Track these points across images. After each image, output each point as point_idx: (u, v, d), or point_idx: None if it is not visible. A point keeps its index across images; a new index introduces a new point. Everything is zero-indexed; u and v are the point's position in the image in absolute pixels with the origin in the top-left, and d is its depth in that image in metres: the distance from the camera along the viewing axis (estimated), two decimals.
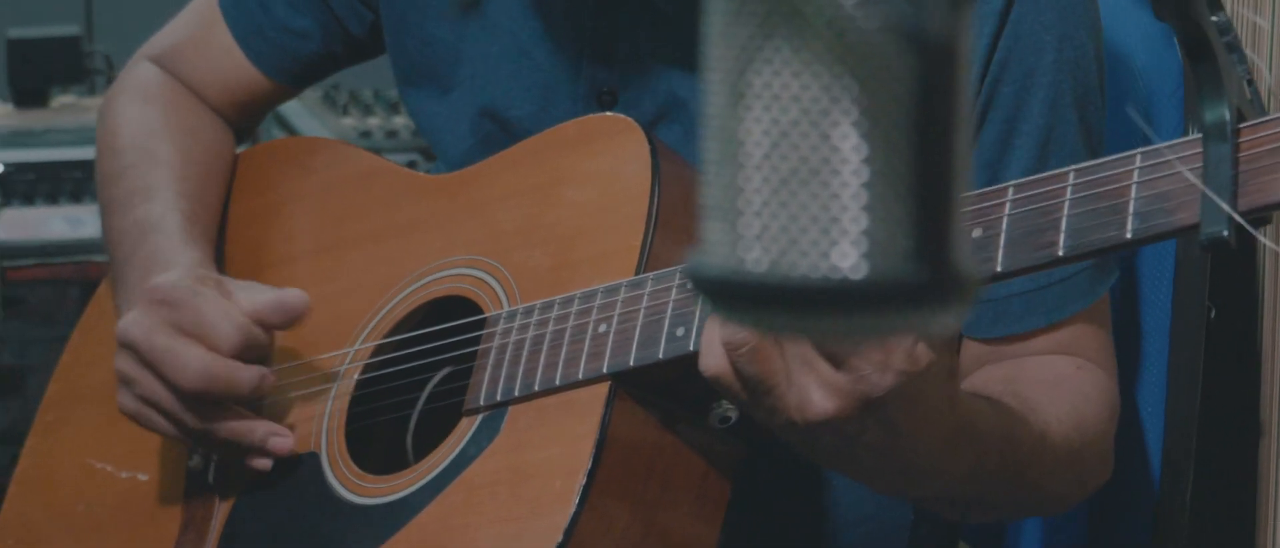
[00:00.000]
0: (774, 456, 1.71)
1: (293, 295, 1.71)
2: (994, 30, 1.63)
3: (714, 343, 1.41)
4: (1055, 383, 1.62)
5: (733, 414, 1.56)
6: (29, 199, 2.94)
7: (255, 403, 1.75)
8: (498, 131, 1.79)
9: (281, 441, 1.72)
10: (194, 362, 1.67)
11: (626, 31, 1.72)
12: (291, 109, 3.49)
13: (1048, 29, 1.64)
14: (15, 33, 3.31)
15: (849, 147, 0.71)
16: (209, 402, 1.69)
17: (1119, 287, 1.85)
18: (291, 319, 1.71)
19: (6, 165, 2.96)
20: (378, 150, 3.16)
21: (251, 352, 1.70)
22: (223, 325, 1.68)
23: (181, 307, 1.69)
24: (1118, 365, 1.71)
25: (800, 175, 0.72)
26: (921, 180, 0.71)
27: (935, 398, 1.41)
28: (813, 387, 1.38)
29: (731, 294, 0.72)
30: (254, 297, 1.72)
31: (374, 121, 3.40)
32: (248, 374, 1.69)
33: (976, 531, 1.95)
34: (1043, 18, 1.64)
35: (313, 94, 3.56)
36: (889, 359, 1.36)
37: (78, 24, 3.44)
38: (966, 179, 0.73)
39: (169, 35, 2.03)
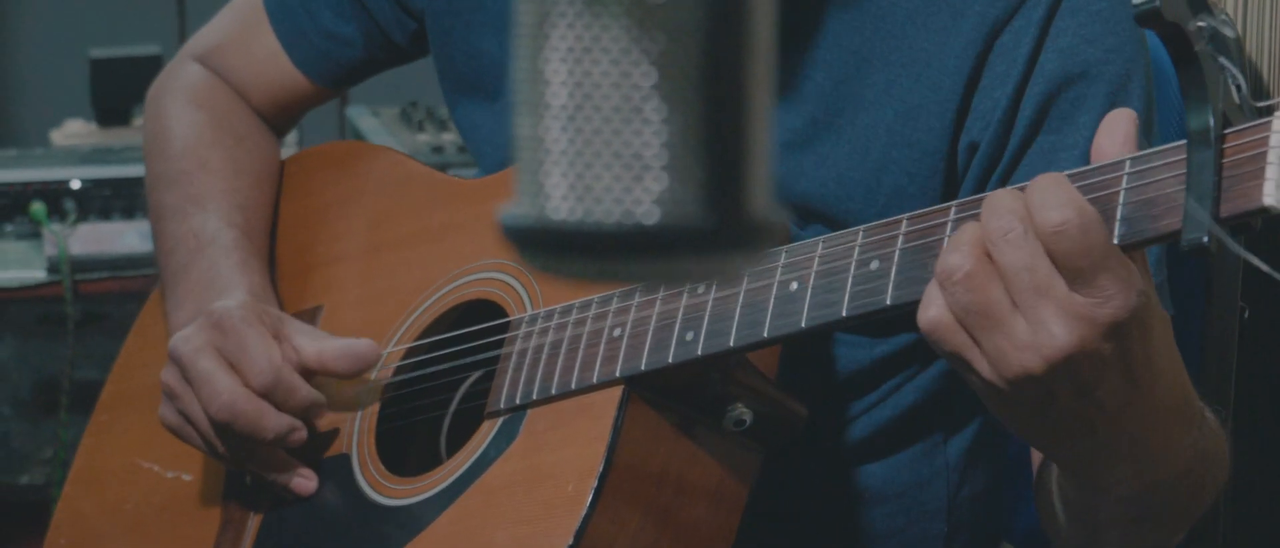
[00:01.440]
0: (802, 464, 1.68)
1: (363, 345, 1.69)
2: (1033, 43, 1.57)
3: (932, 291, 1.32)
4: None
5: (748, 417, 1.53)
6: (105, 214, 2.94)
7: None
8: None
9: (304, 482, 1.71)
10: (224, 393, 1.66)
11: None
12: (369, 126, 3.48)
13: (1092, 43, 1.57)
14: (98, 53, 3.31)
15: (643, 98, 0.72)
16: (232, 434, 1.68)
17: None
18: (361, 368, 1.69)
19: (84, 182, 2.95)
20: (447, 166, 3.15)
21: (280, 393, 1.67)
22: (259, 362, 1.66)
23: (229, 334, 1.68)
24: None
25: (597, 125, 0.73)
26: (712, 131, 0.72)
27: (1164, 344, 1.32)
28: (1051, 317, 1.26)
29: (534, 241, 0.74)
30: (323, 343, 1.70)
31: (448, 137, 3.39)
32: (273, 421, 1.67)
33: (1021, 531, 1.91)
34: (1086, 32, 1.57)
35: (389, 111, 3.56)
36: (1131, 276, 1.26)
37: (159, 44, 3.44)
38: (764, 130, 0.74)
39: (213, 34, 2.01)
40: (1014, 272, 1.27)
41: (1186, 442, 1.39)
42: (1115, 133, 1.29)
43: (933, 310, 1.31)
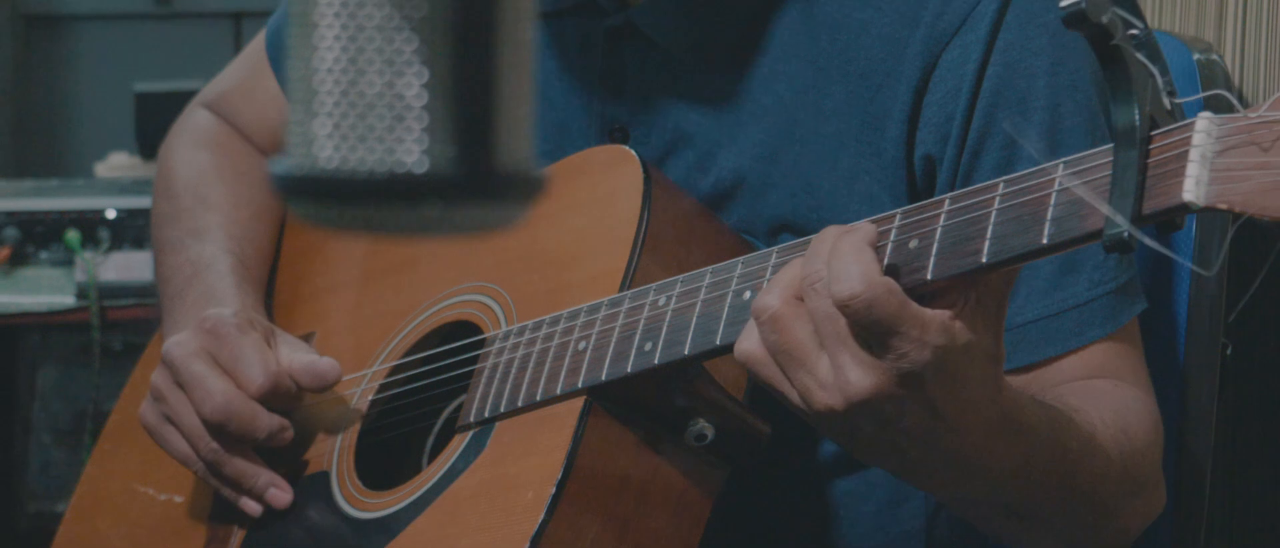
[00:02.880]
0: (777, 480, 1.65)
1: (325, 364, 1.69)
2: (980, 56, 1.55)
3: (751, 324, 1.36)
4: (1096, 394, 1.53)
5: (709, 432, 1.50)
6: (139, 243, 2.94)
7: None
8: None
9: (280, 494, 1.70)
10: (218, 394, 1.65)
11: (635, 70, 1.68)
12: None
13: (1039, 54, 1.55)
14: (142, 87, 3.32)
15: (404, 57, 0.75)
16: (225, 436, 1.67)
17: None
18: (322, 385, 1.69)
19: (120, 211, 2.95)
20: None
21: (277, 399, 1.67)
22: (254, 368, 1.66)
23: (224, 340, 1.67)
24: None
25: (356, 75, 0.75)
26: (464, 83, 0.75)
27: (977, 381, 1.33)
28: (849, 363, 1.30)
29: (302, 188, 0.76)
30: (293, 355, 1.70)
31: None
32: (266, 420, 1.67)
33: None
34: (1032, 43, 1.55)
35: None
36: (925, 335, 1.28)
37: (206, 80, 3.44)
38: (520, 88, 0.77)
39: (221, 82, 2.03)
40: (819, 318, 1.31)
41: (1007, 449, 1.39)
42: None
43: (746, 343, 1.36)
